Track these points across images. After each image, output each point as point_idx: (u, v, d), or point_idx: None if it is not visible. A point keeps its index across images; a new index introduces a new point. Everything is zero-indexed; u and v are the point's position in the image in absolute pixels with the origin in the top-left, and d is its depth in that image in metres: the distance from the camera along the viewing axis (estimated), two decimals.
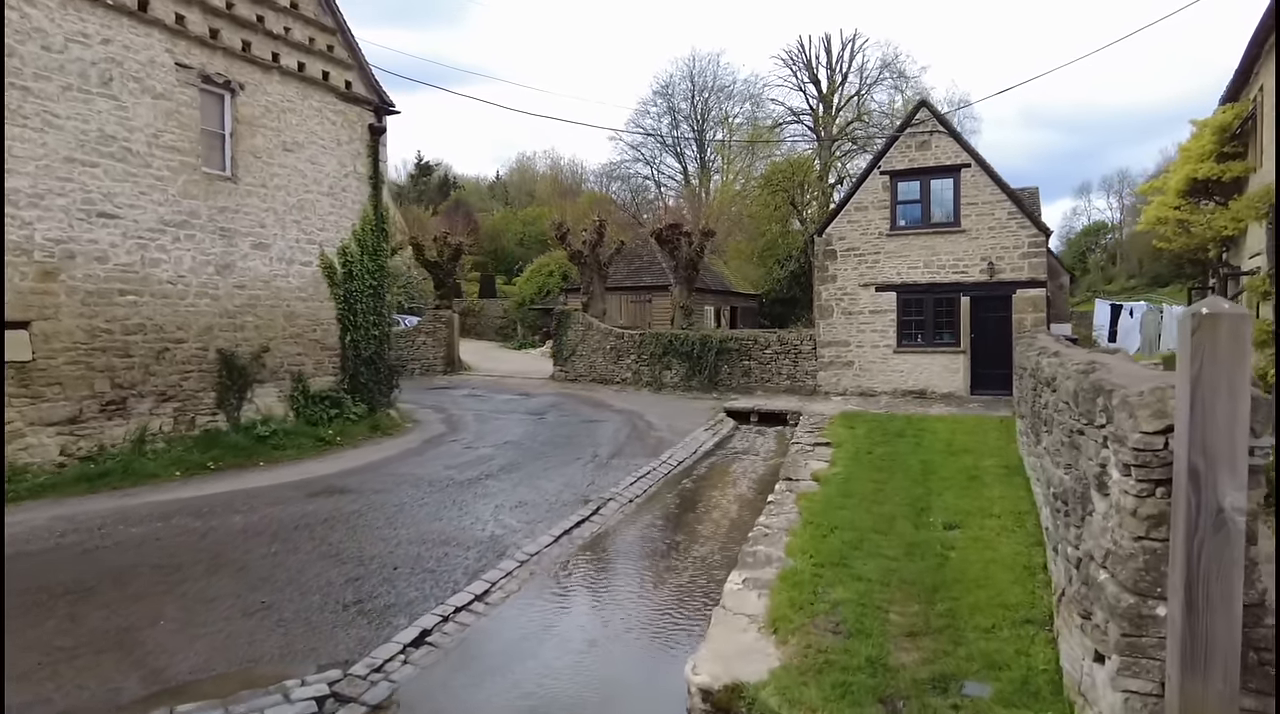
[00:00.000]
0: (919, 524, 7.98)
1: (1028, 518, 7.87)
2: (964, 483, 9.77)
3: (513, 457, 12.79)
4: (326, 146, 14.91)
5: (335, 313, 15.13)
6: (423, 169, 77.44)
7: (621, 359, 23.45)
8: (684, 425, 16.30)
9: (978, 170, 19.40)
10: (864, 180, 20.65)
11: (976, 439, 13.14)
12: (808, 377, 21.08)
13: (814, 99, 50.78)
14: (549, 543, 8.14)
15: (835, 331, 20.71)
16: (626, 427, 16.06)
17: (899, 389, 19.97)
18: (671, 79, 62.91)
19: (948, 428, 14.40)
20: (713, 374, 21.97)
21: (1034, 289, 18.99)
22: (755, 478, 11.99)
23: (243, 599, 6.56)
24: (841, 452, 12.09)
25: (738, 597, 5.81)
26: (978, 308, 19.40)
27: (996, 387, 19.05)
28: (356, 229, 15.57)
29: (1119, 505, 3.49)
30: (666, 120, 59.63)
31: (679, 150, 60.52)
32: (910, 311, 20.01)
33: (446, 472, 11.57)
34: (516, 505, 9.63)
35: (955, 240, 19.53)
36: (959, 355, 19.52)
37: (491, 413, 17.82)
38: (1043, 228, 19.08)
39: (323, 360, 14.89)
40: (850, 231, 20.58)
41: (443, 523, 8.84)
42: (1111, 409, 3.59)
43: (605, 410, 18.34)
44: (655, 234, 22.54)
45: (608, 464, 12.30)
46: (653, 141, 60.22)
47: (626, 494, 10.39)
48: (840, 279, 20.67)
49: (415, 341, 27.04)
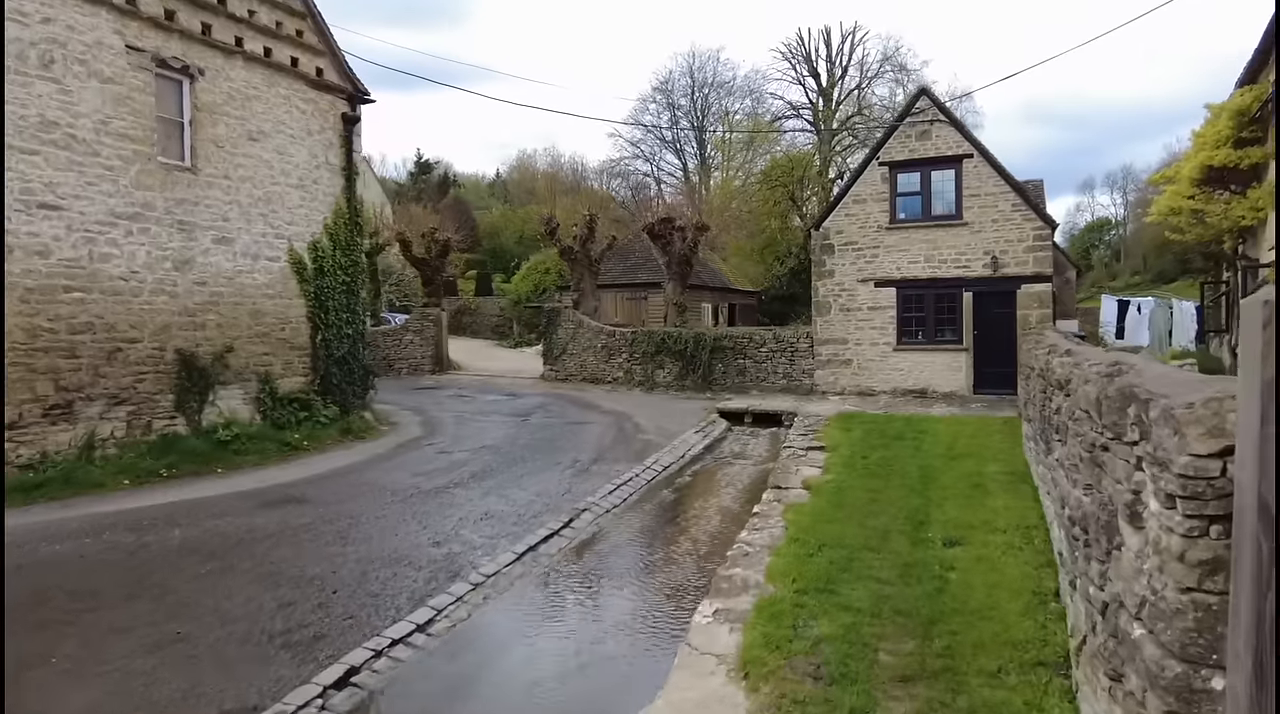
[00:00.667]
0: (916, 540, 7.25)
1: (1036, 533, 7.14)
2: (966, 492, 9.04)
3: (488, 462, 12.08)
4: (296, 136, 14.20)
5: (305, 310, 14.42)
6: (422, 167, 76.82)
7: (613, 358, 22.73)
8: (674, 427, 15.58)
9: (980, 161, 18.65)
10: (862, 172, 19.90)
11: (979, 442, 12.40)
12: (804, 376, 20.34)
13: (814, 93, 50.01)
14: (510, 561, 7.41)
15: (833, 329, 19.96)
16: (613, 429, 15.34)
17: (899, 388, 19.22)
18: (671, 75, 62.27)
19: (949, 430, 13.67)
20: (706, 373, 21.24)
21: (1039, 284, 18.23)
22: (743, 486, 11.26)
23: (157, 629, 5.85)
24: (835, 456, 11.36)
25: (706, 633, 5.09)
26: (980, 304, 18.65)
27: (1000, 386, 18.31)
28: (328, 223, 14.86)
29: (1160, 545, 2.76)
30: (666, 117, 58.92)
31: (679, 147, 59.84)
32: (910, 308, 19.26)
33: (414, 479, 10.85)
34: (482, 518, 8.90)
35: (957, 234, 18.77)
36: (961, 353, 18.78)
37: (474, 414, 17.11)
38: (1048, 220, 18.32)
39: (292, 360, 14.19)
40: (848, 225, 19.83)
41: (398, 539, 8.12)
42: (1148, 423, 2.87)
43: (593, 412, 17.62)
44: (647, 229, 21.82)
45: (588, 470, 11.58)
46: (652, 138, 59.55)
47: (604, 504, 9.66)
48: (838, 274, 19.93)
49: (403, 340, 26.34)
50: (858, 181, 19.87)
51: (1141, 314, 27.80)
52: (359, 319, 15.45)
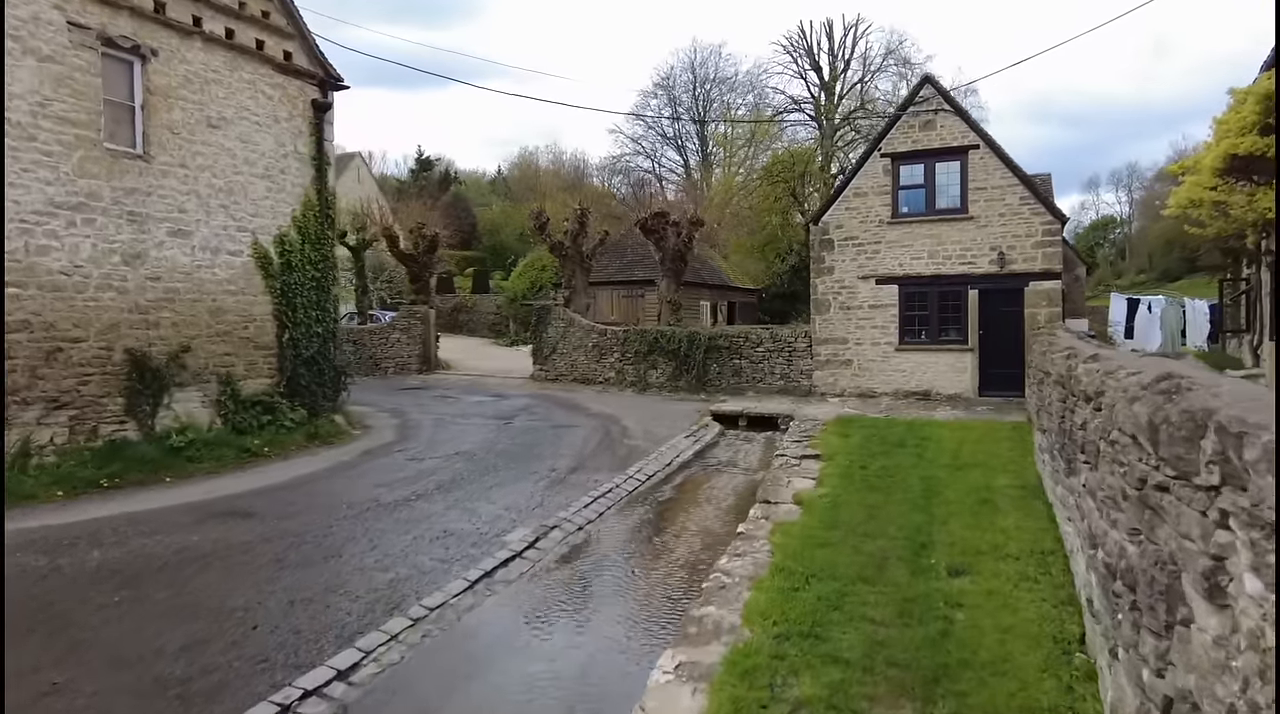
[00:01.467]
0: (917, 568, 6.42)
1: (1053, 561, 6.31)
2: (973, 508, 8.20)
3: (459, 471, 11.26)
4: (262, 123, 13.38)
5: (271, 308, 13.61)
6: (423, 164, 76.15)
7: (604, 358, 21.90)
8: (663, 431, 14.76)
9: (987, 152, 17.78)
10: (863, 164, 19.05)
11: (987, 450, 11.57)
12: (802, 376, 19.50)
13: (815, 87, 49.03)
14: (461, 590, 6.59)
15: (832, 328, 19.12)
16: (598, 433, 14.52)
17: (901, 390, 18.38)
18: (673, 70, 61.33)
19: (954, 436, 12.83)
20: (701, 374, 20.41)
21: (1049, 281, 17.37)
22: (731, 499, 10.41)
23: (37, 677, 5.04)
24: (832, 466, 10.53)
25: (665, 694, 4.25)
26: (987, 302, 17.79)
27: (1007, 387, 17.45)
28: (297, 215, 14.05)
29: (1261, 641, 1.93)
30: (667, 113, 58.10)
31: (680, 143, 59.04)
32: (913, 306, 18.41)
33: (375, 491, 10.04)
34: (439, 537, 8.09)
35: (962, 228, 17.92)
36: (966, 353, 17.93)
37: (454, 417, 16.30)
38: (1058, 214, 17.46)
39: (256, 361, 13.38)
40: (849, 219, 18.98)
41: (341, 561, 7.31)
42: (1240, 466, 2.04)
43: (579, 414, 16.80)
44: (640, 224, 20.98)
45: (565, 480, 10.76)
46: (654, 134, 58.83)
47: (576, 520, 8.84)
48: (837, 271, 19.08)
49: (389, 339, 25.54)
50: (858, 174, 19.02)
51: (1152, 313, 26.89)
52: (330, 317, 14.63)
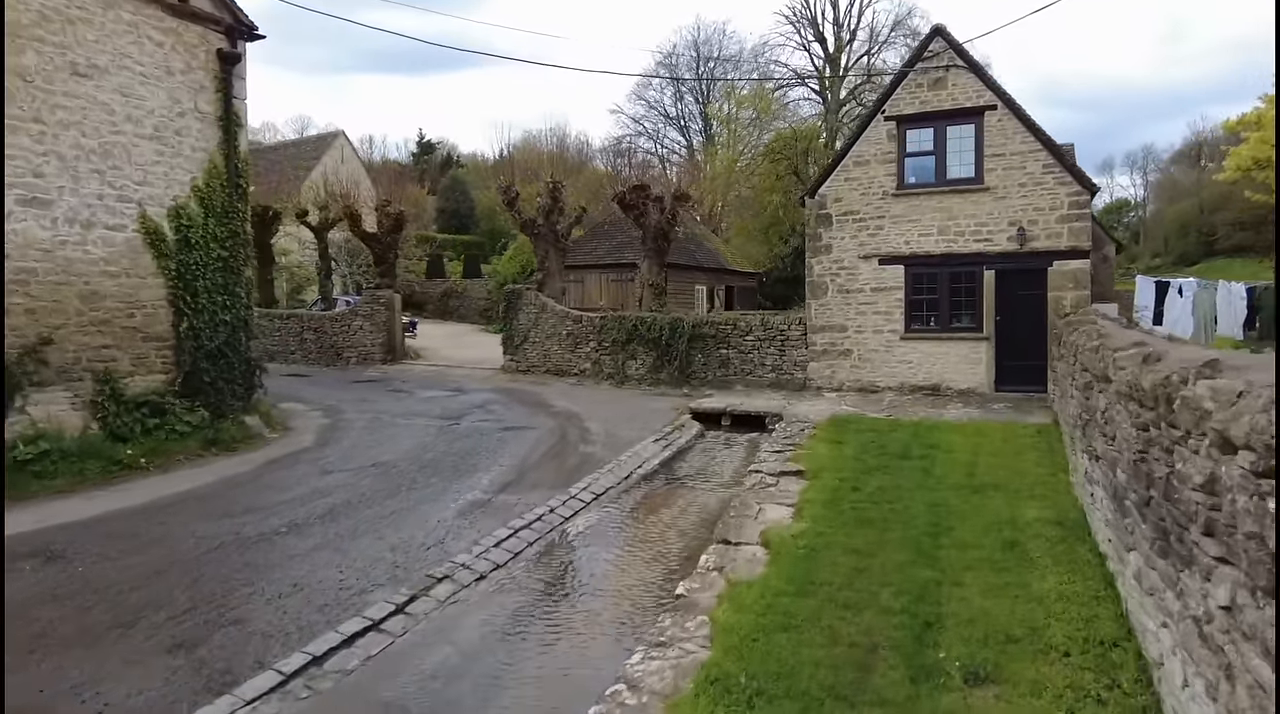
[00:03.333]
0: (919, 668, 4.39)
1: (1120, 663, 4.26)
2: (997, 556, 6.15)
3: (364, 490, 9.27)
4: (149, 75, 11.33)
5: (165, 292, 11.61)
6: (424, 148, 74.11)
7: (579, 347, 19.86)
8: (630, 434, 12.75)
9: (1005, 113, 15.57)
10: (865, 128, 16.86)
11: (1009, 463, 9.51)
12: (796, 368, 17.42)
13: (820, 59, 46.64)
14: (253, 699, 4.57)
15: (830, 314, 17.01)
16: (553, 437, 12.52)
17: (907, 384, 16.28)
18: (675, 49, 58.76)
19: (968, 443, 10.76)
20: (684, 365, 18.35)
21: (1075, 261, 15.21)
22: (684, 534, 8.28)
23: None
24: (817, 488, 8.48)
25: None
26: (1004, 284, 15.65)
27: (1026, 381, 15.36)
28: (199, 184, 12.01)
29: None
30: (670, 92, 55.92)
31: (683, 124, 56.91)
32: (921, 289, 16.28)
33: (243, 518, 8.05)
34: (284, 594, 6.08)
35: (977, 201, 15.74)
36: (981, 343, 15.80)
37: (396, 417, 14.30)
38: (1087, 184, 15.25)
39: (146, 355, 11.40)
40: (849, 192, 16.82)
41: (111, 643, 5.31)
42: None
43: (540, 413, 14.80)
44: (618, 199, 18.85)
45: (489, 503, 8.76)
46: (656, 115, 56.72)
47: (477, 567, 6.82)
48: (836, 250, 16.95)
49: (351, 326, 23.53)
50: (860, 140, 16.84)
51: (1184, 297, 24.62)
52: (241, 302, 12.60)
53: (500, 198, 21.59)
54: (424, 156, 73.04)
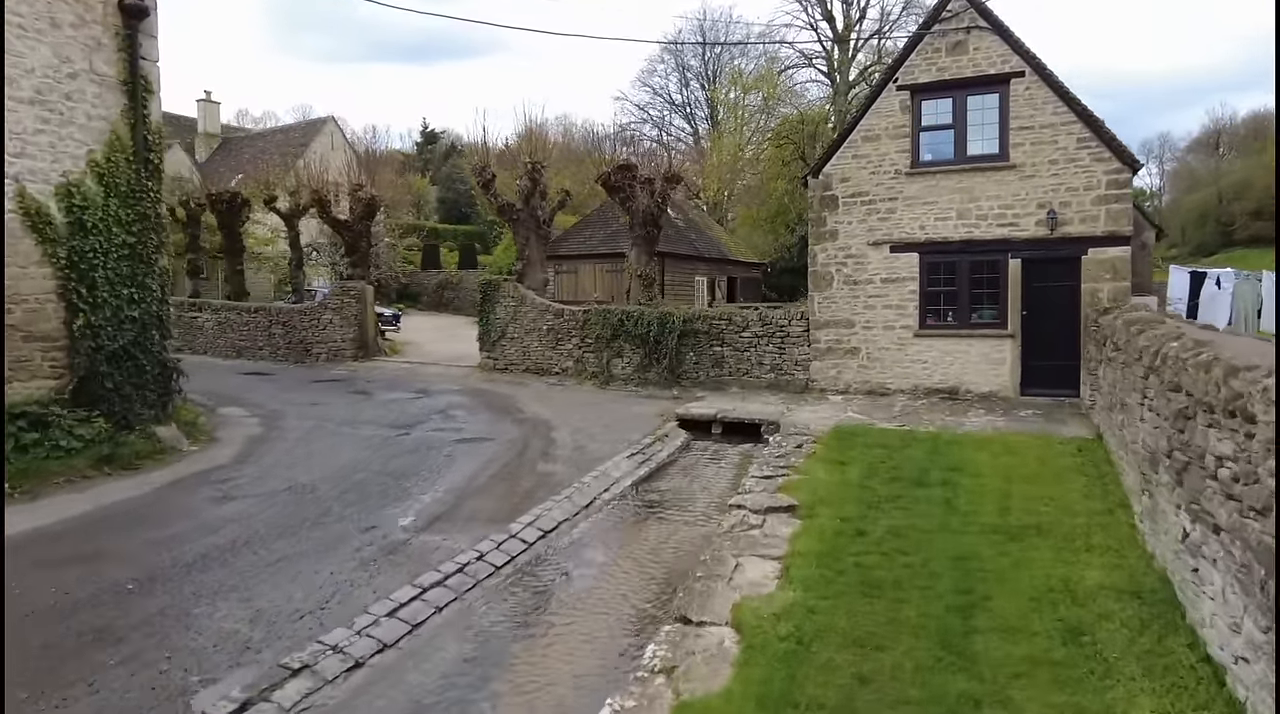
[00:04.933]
0: None
1: None
2: (1054, 652, 4.40)
3: (264, 523, 7.57)
4: (27, 27, 9.61)
5: (54, 284, 9.93)
6: (428, 137, 72.58)
7: (561, 343, 18.13)
8: (602, 447, 11.06)
9: (1035, 81, 13.71)
10: (876, 100, 15.01)
11: (1049, 491, 7.74)
12: (798, 368, 15.65)
13: (828, 39, 44.47)
14: None
15: (835, 308, 15.23)
16: (511, 451, 10.82)
17: (921, 386, 14.51)
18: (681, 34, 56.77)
19: (997, 464, 8.99)
20: (674, 364, 16.60)
21: (1114, 248, 13.37)
22: (639, 599, 6.59)
23: None
24: (811, 532, 6.73)
25: None
26: (1032, 274, 13.84)
27: (1057, 384, 13.58)
28: (97, 159, 10.31)
29: None
30: (675, 79, 54.18)
31: (690, 112, 55.11)
32: (938, 280, 14.47)
33: (79, 570, 6.36)
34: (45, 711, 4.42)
35: (1002, 180, 13.91)
36: (1005, 341, 14.00)
37: (342, 424, 12.62)
38: (1128, 159, 13.37)
39: (28, 357, 9.74)
40: (856, 171, 15.00)
41: None
42: None
43: (505, 420, 13.10)
44: (602, 180, 17.07)
45: (406, 545, 7.06)
46: (661, 102, 54.98)
47: (350, 651, 5.11)
48: (842, 236, 15.14)
49: (320, 320, 21.85)
50: (869, 113, 14.99)
51: (1221, 289, 22.74)
52: (153, 296, 10.90)
53: (475, 180, 19.81)
54: (428, 146, 71.66)
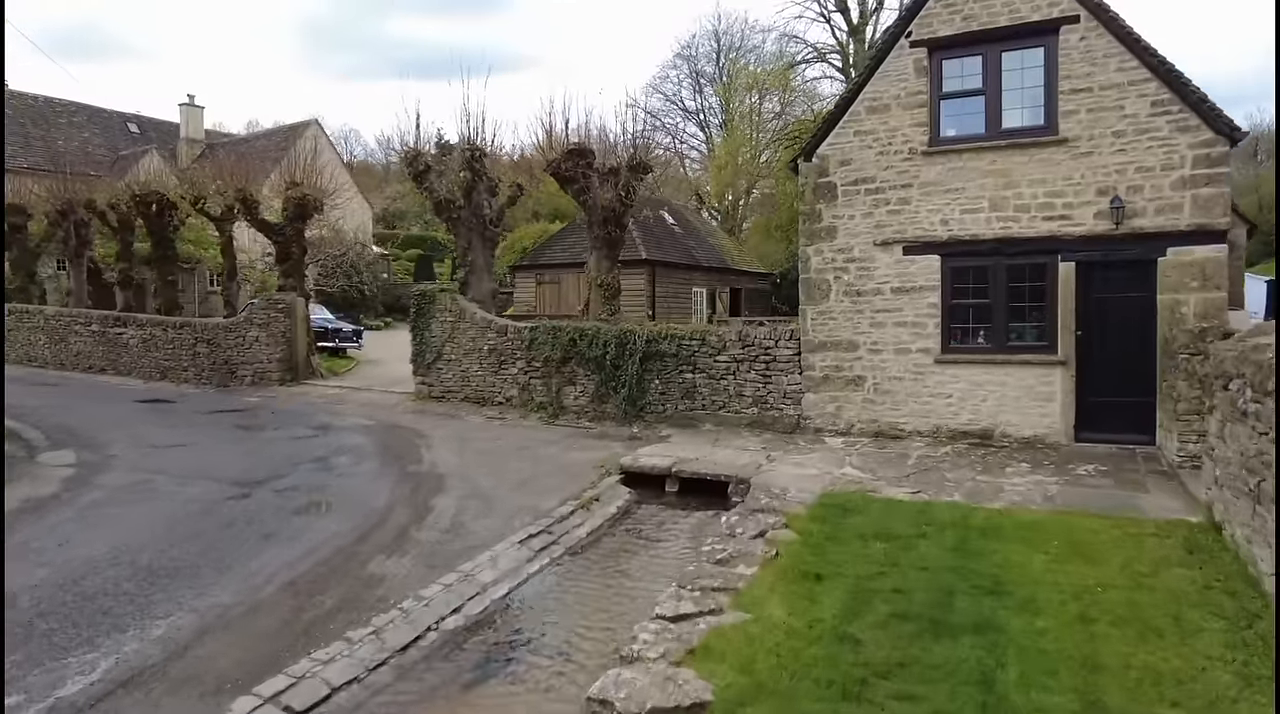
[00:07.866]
0: None
1: None
2: None
3: None
4: None
5: None
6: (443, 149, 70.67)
7: (504, 367, 14.98)
8: (494, 523, 7.91)
9: (1093, 27, 10.45)
10: (882, 61, 11.78)
11: (1162, 652, 4.45)
12: (787, 401, 12.38)
13: (842, 32, 41.28)
14: None
15: (833, 325, 11.97)
16: (357, 530, 7.66)
17: (944, 428, 11.20)
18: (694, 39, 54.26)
19: (1062, 579, 5.69)
20: (635, 394, 13.39)
21: (1203, 246, 10.04)
22: None
23: None
24: None
25: None
26: (1090, 282, 10.55)
27: (1124, 427, 10.29)
28: None
29: None
30: (688, 85, 51.79)
31: (703, 120, 52.55)
32: (966, 290, 11.19)
33: None
34: None
35: (1049, 159, 10.64)
36: (1054, 369, 10.68)
37: (175, 479, 9.51)
38: (1225, 126, 10.01)
39: None
40: (859, 151, 11.78)
41: None
42: None
43: (391, 472, 9.98)
44: (551, 169, 13.97)
45: None
46: (675, 109, 52.55)
47: None
48: (842, 234, 11.90)
49: (245, 338, 18.88)
50: (876, 76, 11.76)
51: None
52: None
53: (406, 170, 16.77)
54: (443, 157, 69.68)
